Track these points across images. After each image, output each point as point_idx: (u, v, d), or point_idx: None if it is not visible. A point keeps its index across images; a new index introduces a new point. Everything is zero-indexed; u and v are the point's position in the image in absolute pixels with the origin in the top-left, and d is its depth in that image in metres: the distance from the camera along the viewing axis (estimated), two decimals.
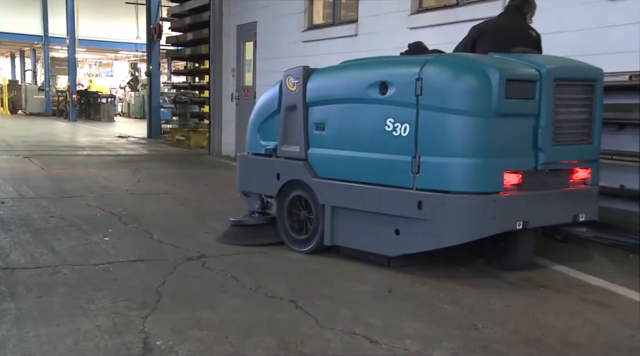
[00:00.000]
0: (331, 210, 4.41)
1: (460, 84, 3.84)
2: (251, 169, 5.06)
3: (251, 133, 5.06)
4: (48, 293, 3.45)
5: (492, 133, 3.83)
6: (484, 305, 3.51)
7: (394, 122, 4.02)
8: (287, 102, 4.67)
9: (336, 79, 4.56)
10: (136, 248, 4.58)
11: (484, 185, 3.82)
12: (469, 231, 3.88)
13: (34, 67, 37.63)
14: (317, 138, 4.51)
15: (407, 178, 3.96)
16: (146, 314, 3.16)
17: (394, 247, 4.15)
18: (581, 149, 4.21)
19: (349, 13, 9.12)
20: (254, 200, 5.07)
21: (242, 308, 3.35)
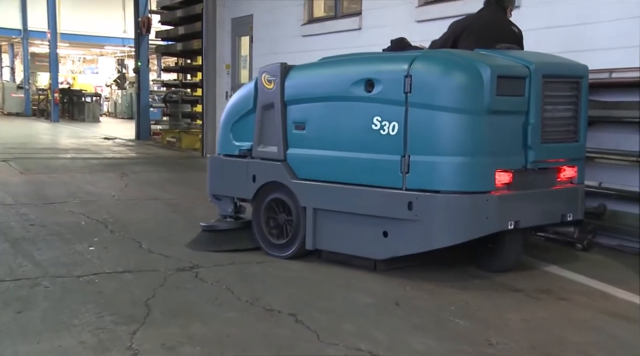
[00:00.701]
0: (313, 213, 4.48)
1: (451, 81, 3.97)
2: (223, 171, 5.11)
3: (223, 134, 5.13)
4: (28, 308, 3.45)
5: (483, 131, 3.97)
6: (498, 319, 3.51)
7: (381, 121, 4.11)
8: (264, 100, 4.74)
9: (317, 76, 4.66)
10: (124, 258, 4.58)
11: (476, 185, 3.96)
12: (461, 232, 4.01)
13: (12, 64, 37.69)
14: (297, 138, 4.58)
15: (396, 178, 4.06)
16: (134, 329, 3.16)
17: (382, 250, 4.23)
18: (568, 147, 4.37)
19: (352, 5, 9.14)
20: (226, 204, 5.12)
21: (237, 322, 3.35)
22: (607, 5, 5.45)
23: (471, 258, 4.53)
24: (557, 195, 4.35)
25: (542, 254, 5.02)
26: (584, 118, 4.42)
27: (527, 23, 6.16)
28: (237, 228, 5.03)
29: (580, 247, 5.15)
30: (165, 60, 27.37)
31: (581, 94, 4.39)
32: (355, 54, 4.98)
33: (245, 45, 11.45)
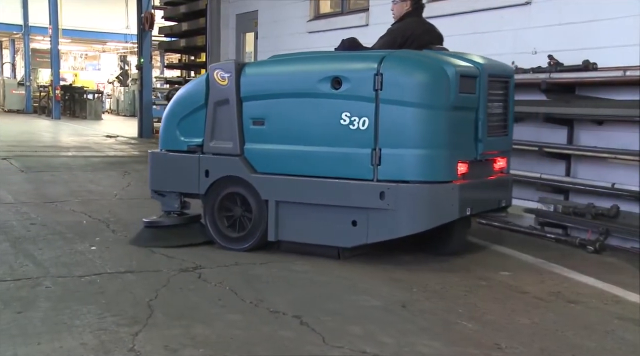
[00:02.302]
0: (276, 205, 4.69)
1: (422, 79, 4.38)
2: (168, 167, 5.18)
3: (168, 130, 5.20)
4: (28, 308, 3.46)
5: (448, 126, 4.42)
6: (507, 322, 3.51)
7: (350, 116, 4.44)
8: (217, 96, 4.89)
9: (277, 73, 4.90)
10: (126, 258, 4.60)
11: (442, 175, 4.42)
12: (430, 218, 4.43)
13: (12, 60, 37.86)
14: (255, 134, 4.79)
15: (366, 170, 4.41)
16: (136, 331, 3.17)
17: (350, 238, 4.55)
18: (502, 140, 4.94)
19: (359, 1, 9.14)
20: (171, 200, 5.19)
21: (241, 324, 3.36)
22: (619, 2, 5.44)
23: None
24: (495, 184, 4.92)
25: (552, 256, 5.02)
26: (512, 114, 5.04)
27: (537, 20, 6.17)
28: (184, 223, 5.13)
29: (592, 249, 5.14)
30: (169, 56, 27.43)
31: (510, 92, 4.97)
32: (313, 52, 5.35)
33: (250, 41, 11.46)
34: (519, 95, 6.23)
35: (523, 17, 6.28)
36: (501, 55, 6.44)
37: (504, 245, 5.38)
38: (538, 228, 5.84)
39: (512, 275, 4.46)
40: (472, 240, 5.58)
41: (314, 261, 4.67)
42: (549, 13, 6.02)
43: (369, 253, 4.87)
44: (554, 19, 5.96)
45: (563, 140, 5.82)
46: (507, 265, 4.75)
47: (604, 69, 5.36)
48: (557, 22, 5.93)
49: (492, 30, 6.64)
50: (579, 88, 5.75)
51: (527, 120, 6.17)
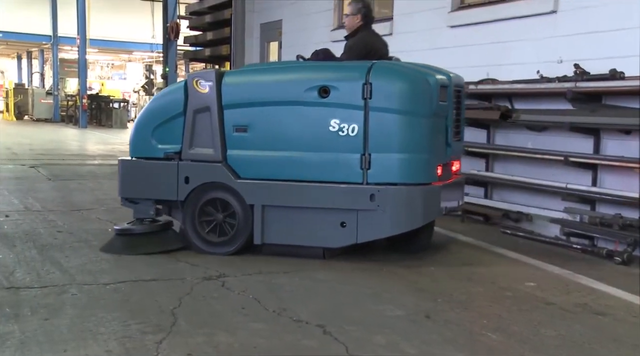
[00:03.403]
0: (262, 210, 4.86)
1: (409, 88, 4.71)
2: (143, 175, 5.20)
3: (141, 138, 5.23)
4: (55, 315, 3.50)
5: (430, 132, 4.81)
6: (533, 334, 3.47)
7: (339, 123, 4.69)
8: (197, 104, 4.99)
9: (261, 82, 5.05)
10: (150, 266, 4.63)
11: (426, 177, 4.78)
12: (416, 218, 4.79)
13: (41, 69, 38.46)
14: (238, 140, 4.93)
15: (356, 174, 4.69)
16: (161, 338, 3.19)
17: (339, 239, 4.81)
18: (458, 145, 5.33)
19: (383, 10, 9.15)
20: (146, 207, 5.21)
21: (264, 333, 3.36)
22: None
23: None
24: (455, 185, 5.20)
25: (578, 267, 4.95)
26: (463, 121, 5.45)
27: (563, 28, 6.12)
28: (157, 230, 5.14)
29: (620, 261, 5.06)
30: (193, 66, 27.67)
31: (462, 101, 5.36)
32: (292, 61, 5.53)
33: (274, 50, 11.53)
34: (544, 103, 6.19)
35: (548, 26, 6.24)
36: (525, 64, 6.42)
37: (529, 256, 5.32)
38: (564, 239, 5.77)
39: (537, 286, 4.41)
40: (496, 251, 5.54)
41: (337, 270, 4.67)
42: (575, 21, 5.97)
43: (393, 263, 4.89)
44: (580, 27, 5.91)
45: (589, 149, 5.75)
46: (533, 276, 4.69)
47: (631, 78, 5.29)
48: (583, 30, 5.87)
49: (516, 39, 6.61)
50: (605, 97, 5.69)
51: (552, 129, 6.12)
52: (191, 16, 15.60)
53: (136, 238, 5.09)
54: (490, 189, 6.92)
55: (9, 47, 37.67)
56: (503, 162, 6.77)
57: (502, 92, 6.58)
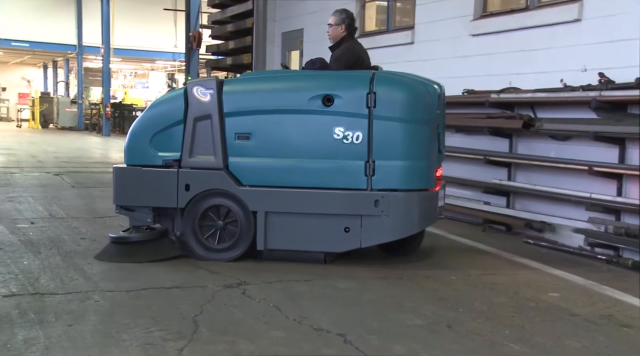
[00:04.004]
0: (265, 216, 4.93)
1: (413, 97, 4.91)
2: (140, 182, 5.18)
3: (138, 145, 5.21)
4: (78, 321, 3.54)
5: (431, 139, 5.01)
6: (556, 345, 3.43)
7: (344, 131, 4.82)
8: (197, 112, 5.02)
9: (263, 91, 5.12)
10: (172, 273, 4.67)
11: (426, 183, 4.99)
12: (419, 222, 5.03)
13: (66, 79, 39.02)
14: (240, 148, 4.99)
15: (360, 180, 4.83)
16: (182, 346, 3.21)
17: (343, 244, 4.93)
18: (442, 151, 5.43)
19: (404, 19, 9.16)
20: (144, 214, 5.18)
21: (284, 341, 3.37)
22: None
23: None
24: (441, 188, 5.35)
25: (603, 278, 4.90)
26: (443, 128, 5.51)
27: (587, 37, 6.07)
28: (153, 238, 5.11)
29: None
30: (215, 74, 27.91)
31: (444, 108, 5.52)
32: (293, 70, 5.71)
33: (295, 59, 11.58)
34: (568, 113, 6.14)
35: (573, 34, 6.20)
36: (549, 72, 6.38)
37: (552, 266, 5.27)
38: (588, 249, 5.71)
39: (561, 296, 4.37)
40: (519, 260, 5.50)
41: (357, 279, 4.66)
42: (600, 30, 5.92)
43: (413, 272, 4.89)
44: (605, 35, 5.86)
45: (614, 159, 5.69)
46: (556, 286, 4.65)
47: None
48: (608, 39, 5.83)
49: (540, 48, 6.57)
50: (631, 106, 5.63)
51: (575, 138, 6.07)
52: (213, 25, 15.73)
53: (131, 246, 5.06)
54: (512, 198, 6.87)
55: (36, 56, 38.30)
56: (525, 171, 6.72)
57: (525, 100, 6.55)
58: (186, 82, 17.50)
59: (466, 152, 7.35)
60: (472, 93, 7.32)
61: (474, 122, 7.21)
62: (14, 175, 10.69)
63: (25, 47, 32.86)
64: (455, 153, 7.56)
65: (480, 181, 7.12)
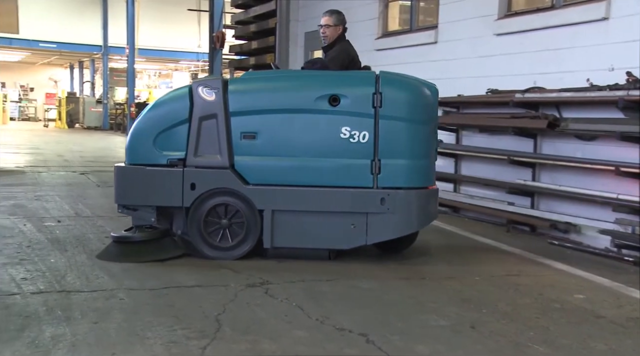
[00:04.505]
0: (271, 214, 4.98)
1: (417, 98, 5.07)
2: (143, 181, 5.15)
3: (142, 144, 5.17)
4: (104, 319, 3.58)
5: (433, 138, 5.21)
6: (582, 348, 3.39)
7: (350, 130, 4.92)
8: (203, 111, 5.04)
9: (269, 90, 5.15)
10: (195, 272, 4.70)
11: (428, 181, 5.15)
12: (423, 219, 5.17)
13: (92, 79, 39.44)
14: (246, 147, 5.02)
15: (367, 179, 4.94)
16: (205, 344, 3.23)
17: (349, 241, 5.03)
18: (436, 150, 5.51)
19: (428, 18, 9.11)
20: (147, 214, 5.16)
21: (307, 340, 3.37)
22: None
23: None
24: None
25: (630, 279, 4.84)
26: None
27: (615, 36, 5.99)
28: (155, 238, 5.09)
29: None
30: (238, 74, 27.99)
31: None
32: (296, 71, 5.70)
33: None
34: (594, 112, 6.07)
35: (600, 33, 6.12)
36: (574, 72, 6.31)
37: (577, 267, 5.21)
38: (614, 251, 5.63)
39: (587, 298, 4.32)
40: (543, 261, 5.44)
41: (380, 279, 4.65)
42: (627, 29, 5.84)
43: (436, 273, 4.87)
44: (633, 34, 5.78)
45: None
46: (582, 288, 4.60)
47: None
48: (636, 37, 5.74)
49: (566, 47, 6.50)
50: None
51: (602, 138, 5.99)
52: (236, 25, 15.79)
53: (133, 245, 5.04)
54: (536, 199, 6.81)
55: (63, 57, 38.76)
56: (550, 171, 6.65)
57: (550, 100, 6.48)
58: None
59: (489, 152, 7.30)
60: (496, 93, 7.27)
61: (498, 122, 7.15)
62: (41, 174, 10.85)
63: (53, 48, 33.29)
64: (479, 153, 7.51)
65: (504, 181, 7.06)
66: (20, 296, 3.93)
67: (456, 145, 7.97)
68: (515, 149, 6.96)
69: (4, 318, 3.51)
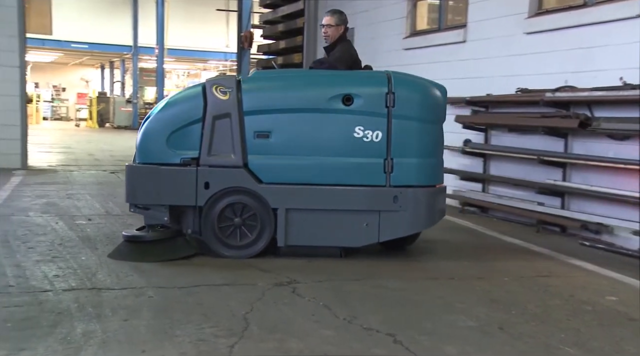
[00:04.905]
0: (285, 213, 5.01)
1: (429, 98, 5.16)
2: (156, 180, 5.11)
3: (155, 143, 5.13)
4: (133, 316, 3.61)
5: (442, 137, 5.29)
6: (614, 351, 3.34)
7: (364, 130, 4.98)
8: (217, 110, 5.03)
9: (283, 90, 5.17)
10: (223, 270, 4.72)
11: (438, 179, 5.25)
12: (434, 216, 5.23)
13: (122, 79, 39.93)
14: (259, 146, 5.04)
15: (380, 177, 5.01)
16: (233, 343, 3.24)
17: (362, 239, 5.10)
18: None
19: (456, 17, 9.05)
20: (160, 213, 5.12)
21: (334, 340, 3.36)
22: None
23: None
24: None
25: None
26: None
27: None
28: (168, 237, 5.06)
29: None
30: None
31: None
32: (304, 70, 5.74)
33: None
34: (627, 111, 5.96)
35: (633, 31, 6.01)
36: (607, 70, 6.20)
37: (610, 269, 5.13)
38: None
39: (619, 300, 4.25)
40: (574, 262, 5.37)
41: (408, 280, 4.63)
42: None
43: (464, 273, 4.83)
44: None
45: None
46: (614, 290, 4.52)
47: None
48: None
49: (598, 45, 6.39)
50: None
51: (635, 138, 5.89)
52: (264, 25, 15.85)
53: (145, 245, 5.02)
54: (567, 199, 6.71)
55: (94, 57, 39.34)
56: (581, 171, 6.55)
57: (582, 99, 6.38)
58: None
59: (519, 151, 7.22)
60: (525, 92, 7.18)
61: (528, 121, 7.07)
62: (72, 173, 11.01)
63: (84, 49, 33.81)
64: (508, 153, 7.44)
65: (534, 181, 6.98)
66: (53, 293, 3.99)
67: (485, 144, 7.89)
68: (545, 149, 6.87)
69: (38, 314, 3.57)
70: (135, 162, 5.30)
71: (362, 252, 5.28)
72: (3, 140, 10.91)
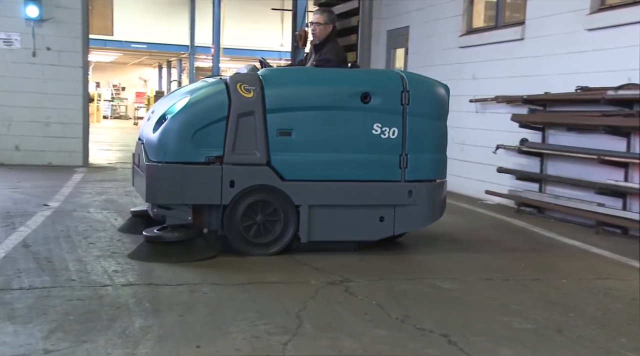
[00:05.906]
0: (308, 209, 5.10)
1: (440, 96, 5.39)
2: (179, 179, 4.95)
3: (178, 142, 4.96)
4: (189, 312, 3.68)
5: (447, 133, 5.52)
6: None
7: (381, 127, 5.14)
8: (241, 108, 5.00)
9: (303, 87, 5.22)
10: (276, 268, 4.76)
11: (445, 173, 5.53)
12: (443, 209, 5.55)
13: (179, 78, 40.67)
14: (282, 144, 5.07)
15: (395, 172, 5.20)
16: (286, 340, 3.27)
17: (378, 232, 5.28)
18: None
19: (514, 14, 8.88)
20: (182, 213, 4.99)
21: (387, 339, 3.35)
22: None
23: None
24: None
25: None
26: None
27: None
28: (189, 238, 4.94)
29: None
30: None
31: None
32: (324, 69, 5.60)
33: (400, 57, 11.49)
34: None
35: None
36: None
37: None
38: None
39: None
40: (637, 266, 5.20)
41: (461, 280, 4.58)
42: None
43: (519, 274, 4.74)
44: None
45: None
46: None
47: None
48: None
49: None
50: None
51: None
52: None
53: (166, 246, 4.92)
54: (629, 200, 6.51)
55: (152, 57, 40.19)
56: None
57: None
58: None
59: (578, 151, 7.04)
60: (586, 90, 6.99)
61: (587, 120, 6.89)
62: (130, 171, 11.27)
63: (143, 49, 34.59)
64: (566, 152, 7.26)
65: (593, 181, 6.79)
66: (112, 288, 4.10)
67: (542, 143, 7.72)
68: (605, 148, 6.68)
69: (98, 308, 3.67)
70: (151, 161, 5.07)
71: (411, 251, 5.23)
72: (66, 139, 11.27)
